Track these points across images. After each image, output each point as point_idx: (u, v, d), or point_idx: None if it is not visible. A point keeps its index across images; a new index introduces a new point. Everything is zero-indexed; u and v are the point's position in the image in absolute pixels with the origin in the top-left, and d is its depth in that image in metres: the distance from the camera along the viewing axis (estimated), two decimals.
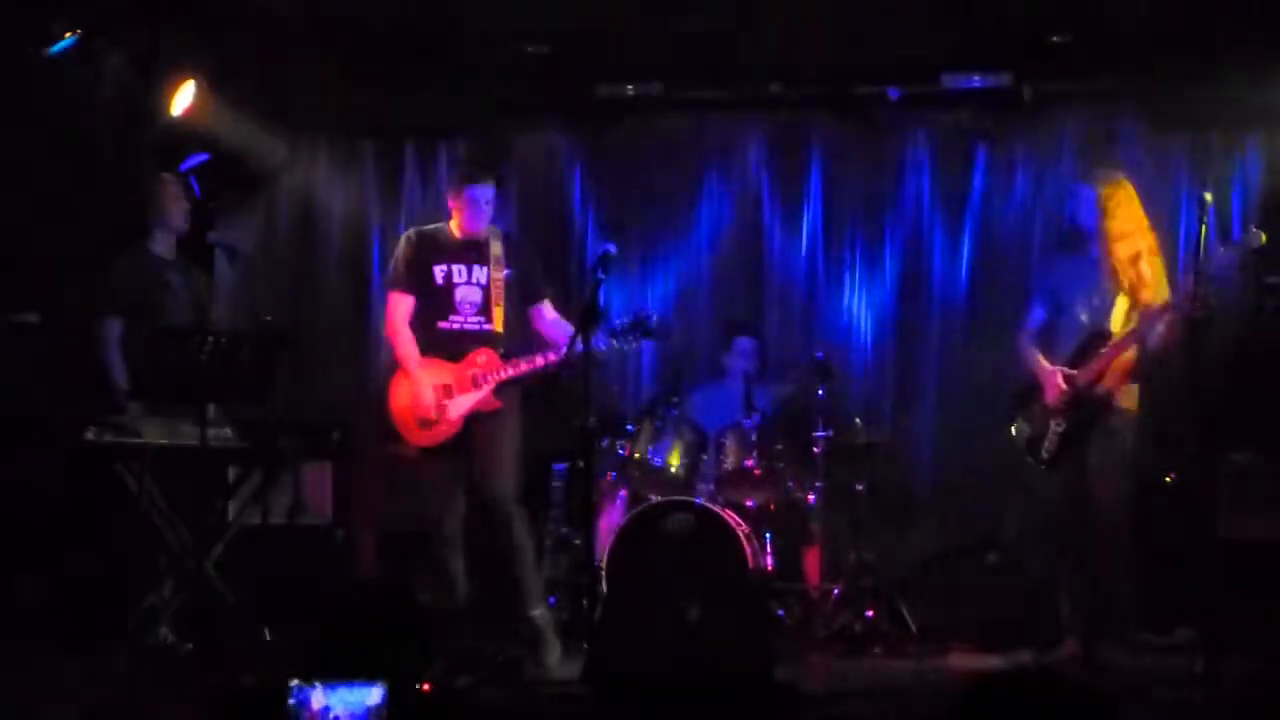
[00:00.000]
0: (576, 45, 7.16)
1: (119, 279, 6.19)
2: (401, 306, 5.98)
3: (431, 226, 6.09)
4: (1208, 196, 5.46)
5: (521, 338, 6.09)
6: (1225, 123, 7.30)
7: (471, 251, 6.00)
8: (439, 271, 5.96)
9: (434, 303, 5.95)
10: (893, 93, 7.49)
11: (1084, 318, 5.83)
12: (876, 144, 7.73)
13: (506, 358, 5.91)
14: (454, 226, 6.02)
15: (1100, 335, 5.76)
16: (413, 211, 8.00)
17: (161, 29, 6.47)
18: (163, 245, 6.32)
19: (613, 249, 5.90)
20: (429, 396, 5.86)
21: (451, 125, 7.95)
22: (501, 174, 6.03)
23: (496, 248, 6.00)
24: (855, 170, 7.77)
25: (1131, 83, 7.25)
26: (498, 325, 5.95)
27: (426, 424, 5.87)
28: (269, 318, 5.94)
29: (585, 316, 5.67)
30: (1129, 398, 5.77)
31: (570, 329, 5.85)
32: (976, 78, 7.37)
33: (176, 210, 6.30)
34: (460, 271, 5.97)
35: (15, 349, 6.44)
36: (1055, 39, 6.98)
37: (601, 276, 5.74)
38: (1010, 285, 7.61)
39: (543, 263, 6.28)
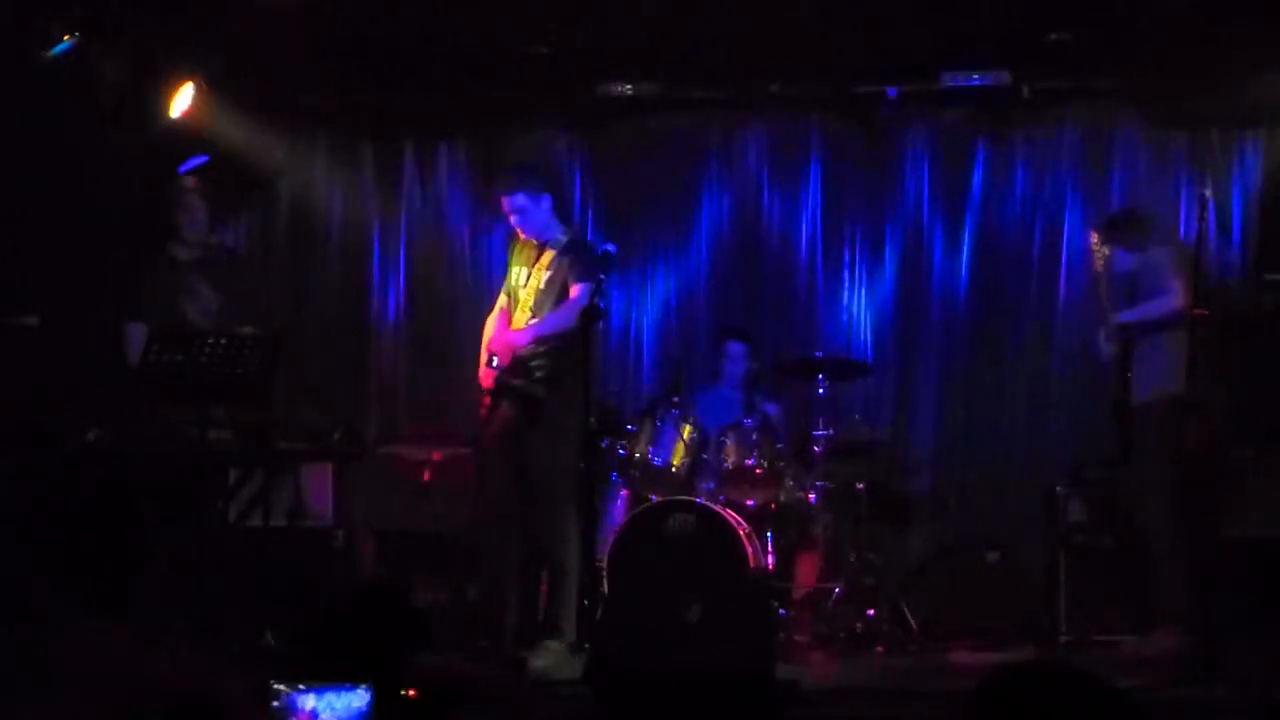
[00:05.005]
0: (576, 45, 7.15)
1: (143, 286, 6.17)
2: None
3: None
4: (1207, 194, 5.46)
5: None
6: (1225, 122, 7.29)
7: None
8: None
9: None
10: (891, 92, 7.48)
11: None
12: (876, 144, 7.73)
13: None
14: None
15: None
16: (412, 212, 8.01)
17: (160, 30, 6.47)
18: (183, 250, 6.29)
19: (613, 249, 5.90)
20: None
21: (451, 125, 7.95)
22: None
23: (547, 256, 6.08)
24: (855, 170, 7.76)
25: (1131, 82, 7.25)
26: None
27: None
28: (269, 322, 5.95)
29: (586, 316, 5.68)
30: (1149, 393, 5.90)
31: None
32: (975, 76, 7.35)
33: (186, 219, 6.28)
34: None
35: (15, 352, 6.43)
36: (1054, 37, 6.97)
37: (602, 276, 5.74)
38: (1010, 284, 7.63)
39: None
